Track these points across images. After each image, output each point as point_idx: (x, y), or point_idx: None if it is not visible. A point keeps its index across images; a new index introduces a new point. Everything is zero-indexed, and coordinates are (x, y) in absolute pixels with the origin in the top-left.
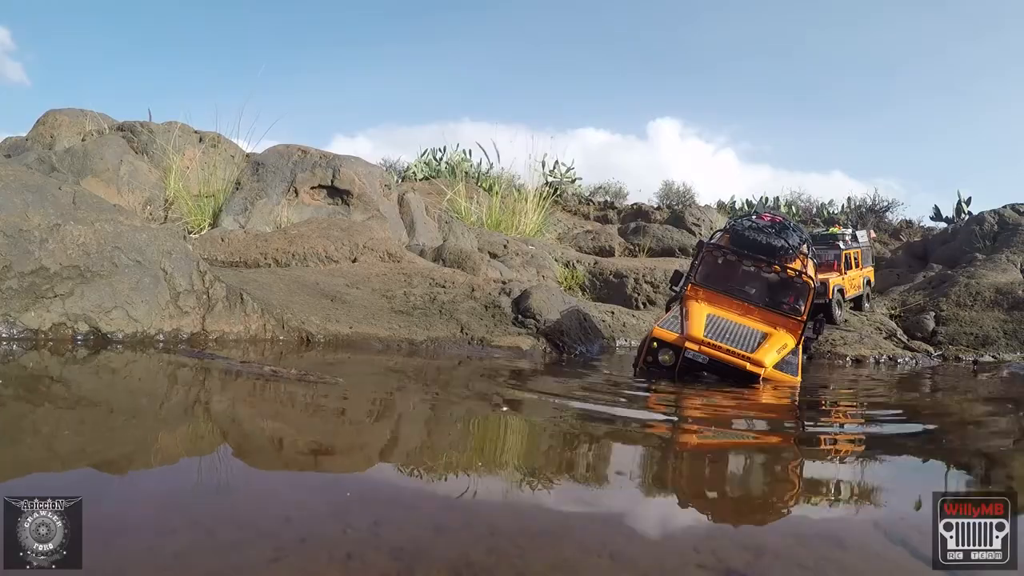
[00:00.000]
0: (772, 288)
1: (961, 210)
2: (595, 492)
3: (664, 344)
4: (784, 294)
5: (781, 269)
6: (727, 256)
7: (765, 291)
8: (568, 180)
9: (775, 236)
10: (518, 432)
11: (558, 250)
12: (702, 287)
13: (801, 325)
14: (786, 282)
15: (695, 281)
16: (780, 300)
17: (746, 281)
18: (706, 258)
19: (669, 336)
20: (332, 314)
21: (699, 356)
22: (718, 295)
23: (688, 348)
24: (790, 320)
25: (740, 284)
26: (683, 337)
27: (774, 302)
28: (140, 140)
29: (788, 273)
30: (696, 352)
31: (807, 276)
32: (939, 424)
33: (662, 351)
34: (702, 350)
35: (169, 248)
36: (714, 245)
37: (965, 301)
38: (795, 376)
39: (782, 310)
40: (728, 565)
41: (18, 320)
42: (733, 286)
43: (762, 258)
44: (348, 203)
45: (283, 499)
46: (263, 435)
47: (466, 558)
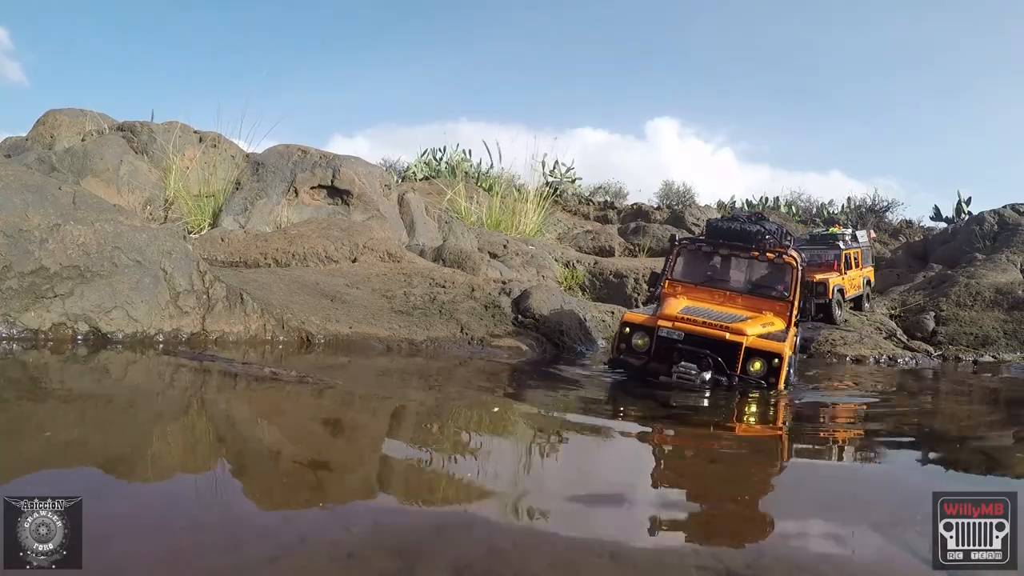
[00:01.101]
0: (753, 274)
1: (961, 210)
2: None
3: (637, 327)
4: (767, 279)
5: (760, 252)
6: (701, 248)
7: (746, 278)
8: (568, 180)
9: (750, 224)
10: (513, 439)
11: (558, 250)
12: (680, 283)
13: (788, 306)
14: (767, 265)
15: (671, 278)
16: (763, 285)
17: (725, 272)
18: (681, 253)
19: (640, 318)
20: (332, 314)
21: (673, 333)
22: (696, 288)
23: (661, 326)
24: (776, 303)
25: (719, 275)
26: (655, 317)
27: (757, 288)
28: (140, 140)
29: (767, 256)
30: (670, 329)
31: (788, 256)
32: (939, 424)
33: (636, 334)
34: (676, 326)
35: (169, 248)
36: (687, 239)
37: (965, 301)
38: (781, 342)
39: (766, 294)
40: (728, 566)
41: (18, 320)
42: (712, 278)
43: (738, 244)
44: (348, 203)
45: (282, 499)
46: (262, 440)
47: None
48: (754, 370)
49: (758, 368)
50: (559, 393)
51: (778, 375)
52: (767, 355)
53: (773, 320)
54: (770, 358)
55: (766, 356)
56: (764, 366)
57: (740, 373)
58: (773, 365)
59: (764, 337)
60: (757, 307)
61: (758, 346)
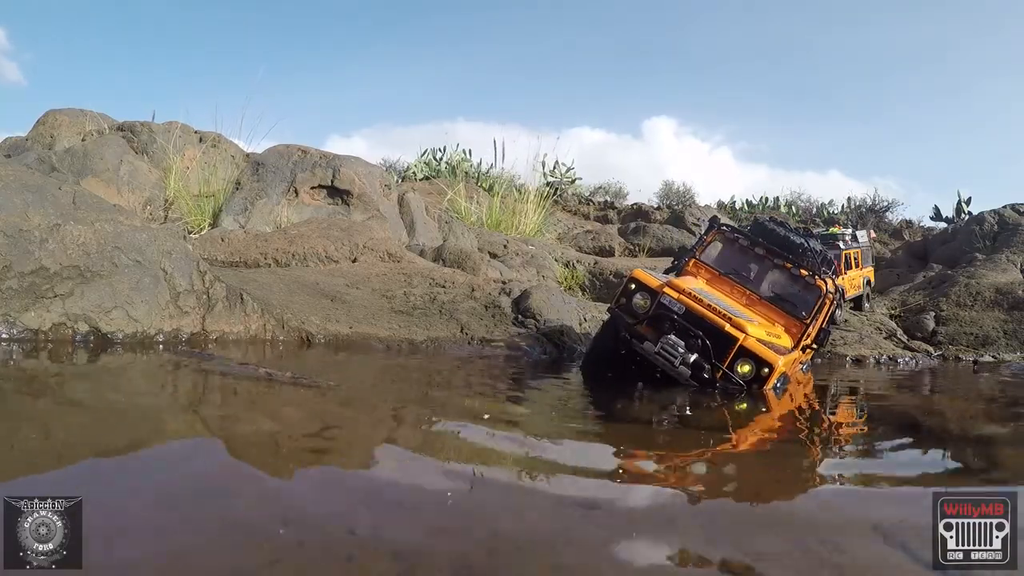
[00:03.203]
0: (780, 285)
1: (961, 210)
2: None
3: (642, 286)
4: (792, 294)
5: (794, 265)
6: (739, 240)
7: (771, 287)
8: (568, 180)
9: (797, 235)
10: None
11: (558, 250)
12: (705, 266)
13: (803, 328)
14: (797, 281)
15: (698, 258)
16: (785, 299)
17: (753, 272)
18: (717, 237)
19: (648, 278)
20: (332, 314)
21: (675, 304)
22: (720, 277)
23: (666, 293)
24: (792, 321)
25: (746, 273)
26: (664, 283)
27: (779, 300)
28: (140, 140)
29: (800, 272)
30: (673, 299)
31: (821, 279)
32: (939, 424)
33: (640, 293)
34: (680, 299)
35: (169, 248)
36: (728, 226)
37: (965, 301)
38: (777, 354)
39: (785, 309)
40: (728, 567)
41: (18, 320)
42: (738, 273)
43: (776, 249)
44: (348, 203)
45: (282, 500)
46: (260, 440)
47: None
48: (741, 371)
49: (746, 371)
50: (557, 398)
51: (763, 384)
52: (759, 361)
53: (780, 334)
54: (761, 365)
55: (758, 361)
56: (752, 371)
57: (727, 368)
58: (762, 373)
59: (763, 344)
60: (772, 318)
61: (754, 349)
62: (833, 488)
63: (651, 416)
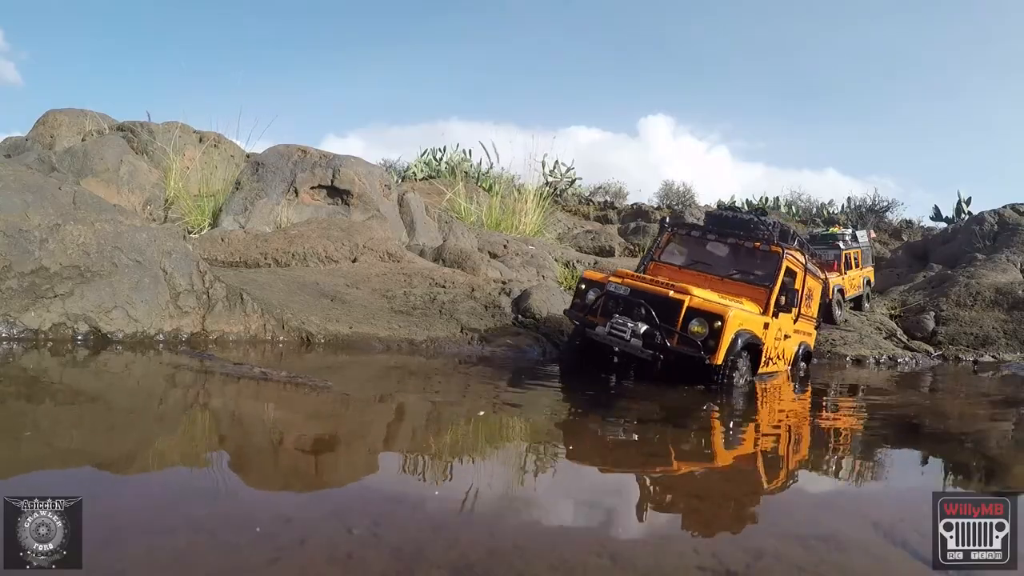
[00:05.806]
0: (740, 263)
1: (961, 210)
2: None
3: (592, 283)
4: (751, 265)
5: (747, 240)
6: (691, 234)
7: (731, 266)
8: (568, 180)
9: (748, 215)
10: (509, 444)
11: (558, 250)
12: (664, 265)
13: (767, 293)
14: (755, 254)
15: (658, 260)
16: (746, 272)
17: (711, 258)
18: (672, 238)
19: (596, 275)
20: (332, 314)
21: (620, 288)
22: (679, 270)
23: (611, 281)
24: (756, 289)
25: (704, 261)
26: (609, 273)
27: (744, 275)
28: (140, 140)
29: (754, 244)
30: (618, 284)
31: (776, 246)
32: (938, 424)
33: (591, 291)
34: (625, 282)
35: (169, 248)
36: (677, 222)
37: (965, 301)
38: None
39: (747, 280)
40: (728, 567)
41: (18, 320)
42: (697, 263)
43: (728, 231)
44: (348, 203)
45: (281, 500)
46: (259, 440)
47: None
48: (695, 332)
49: (700, 331)
50: (557, 398)
51: (718, 341)
52: (710, 316)
53: (745, 304)
54: (712, 319)
55: (708, 317)
56: (706, 328)
57: (681, 331)
58: (714, 327)
59: (711, 301)
60: (737, 292)
61: (700, 306)
62: (833, 487)
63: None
